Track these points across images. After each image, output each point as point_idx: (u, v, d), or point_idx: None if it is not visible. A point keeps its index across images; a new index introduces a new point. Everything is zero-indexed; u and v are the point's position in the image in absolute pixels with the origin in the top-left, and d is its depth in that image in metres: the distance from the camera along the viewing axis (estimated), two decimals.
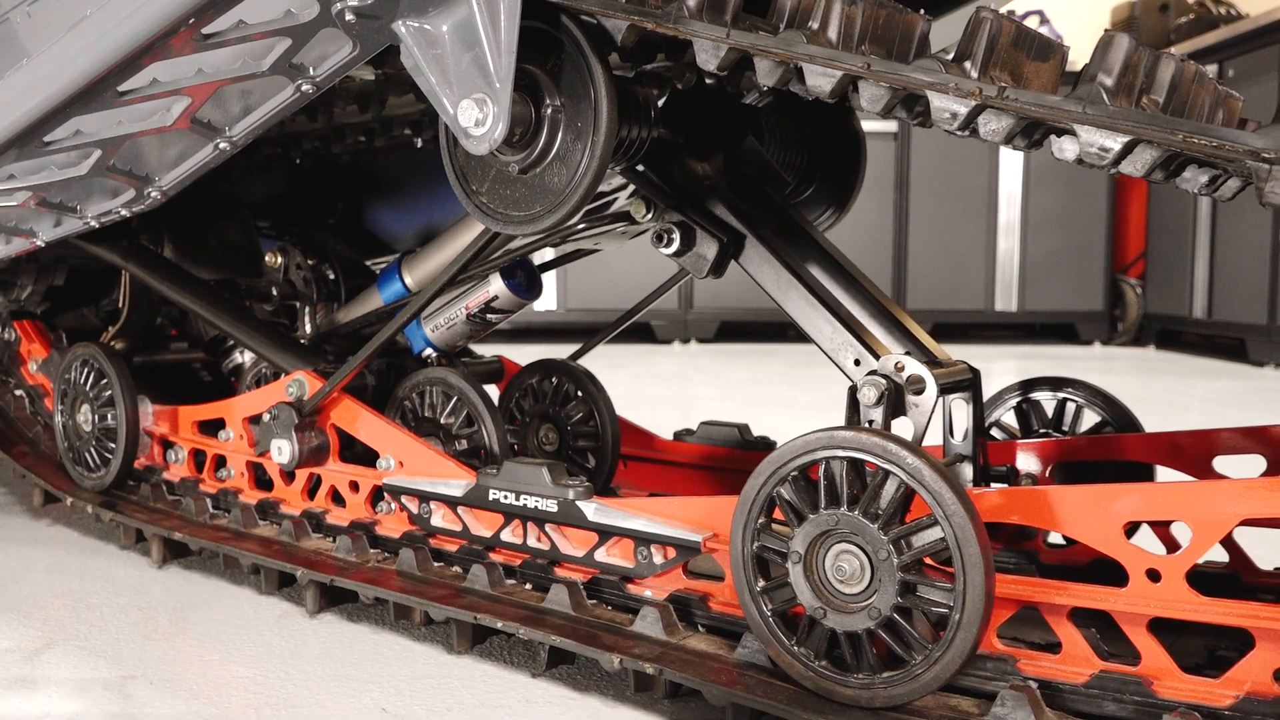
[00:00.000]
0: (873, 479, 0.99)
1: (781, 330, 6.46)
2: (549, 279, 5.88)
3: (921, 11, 1.06)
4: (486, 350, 2.07)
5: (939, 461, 0.97)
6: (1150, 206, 6.02)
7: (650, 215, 1.35)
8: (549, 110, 1.16)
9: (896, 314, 1.33)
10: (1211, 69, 5.35)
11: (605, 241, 1.68)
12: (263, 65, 1.25)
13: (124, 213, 1.53)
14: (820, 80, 1.00)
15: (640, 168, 1.36)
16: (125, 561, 1.74)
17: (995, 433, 1.50)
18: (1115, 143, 0.86)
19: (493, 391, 1.80)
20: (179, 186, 1.47)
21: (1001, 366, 5.25)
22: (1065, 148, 0.91)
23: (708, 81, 1.40)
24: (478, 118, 1.13)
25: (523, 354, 1.81)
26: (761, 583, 1.06)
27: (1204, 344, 5.86)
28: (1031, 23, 6.49)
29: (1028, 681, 0.96)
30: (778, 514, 1.05)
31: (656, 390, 4.17)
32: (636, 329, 5.97)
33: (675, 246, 1.29)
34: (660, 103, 1.43)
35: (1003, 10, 1.06)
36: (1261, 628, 0.90)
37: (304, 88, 1.27)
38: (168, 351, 2.23)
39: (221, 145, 1.39)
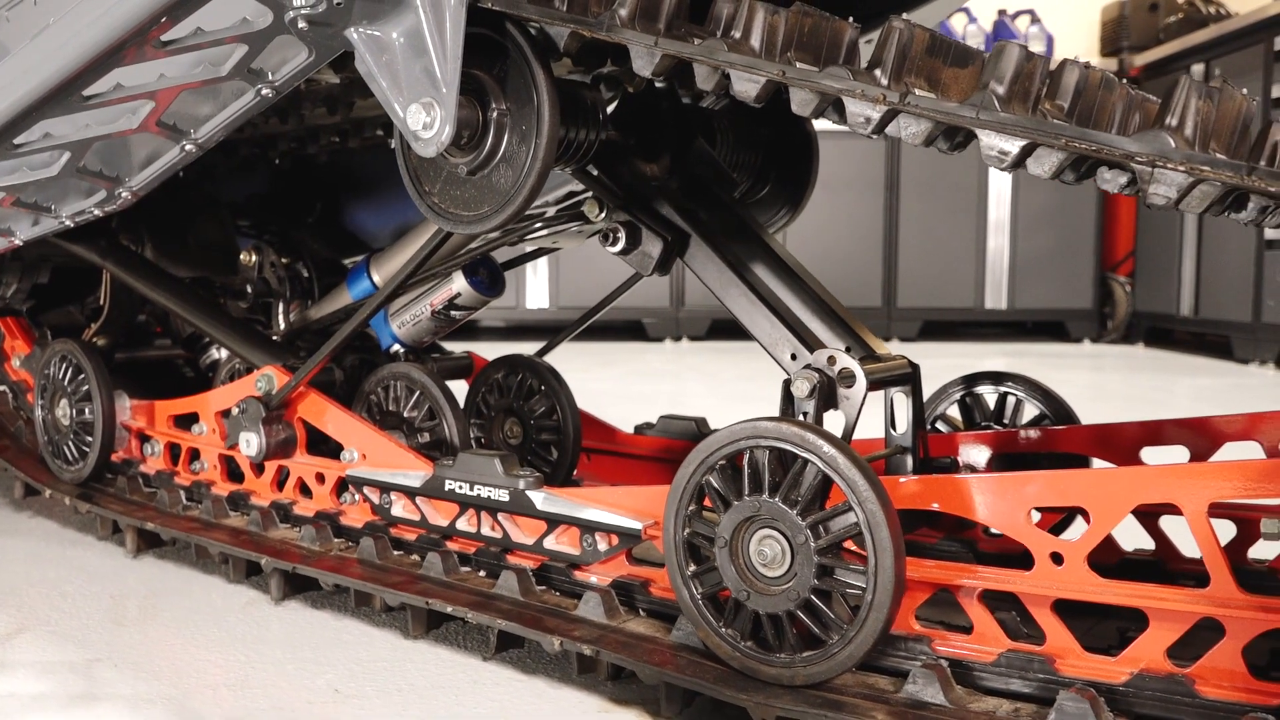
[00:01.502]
0: (793, 467, 1.03)
1: None
2: (542, 277, 5.93)
3: (850, 19, 1.10)
4: (485, 347, 2.09)
5: (855, 451, 1.01)
6: (1139, 205, 6.06)
7: (603, 215, 1.39)
8: (495, 114, 1.21)
9: (839, 311, 1.38)
10: (1198, 68, 5.39)
11: (562, 240, 1.72)
12: (223, 70, 1.29)
13: (97, 212, 1.58)
14: (746, 85, 1.05)
15: (591, 169, 1.40)
16: (102, 552, 1.79)
17: (941, 425, 1.54)
18: (1013, 146, 0.90)
19: (464, 386, 1.85)
20: (149, 187, 1.51)
21: (991, 364, 5.26)
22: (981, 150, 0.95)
23: (658, 86, 1.44)
24: (425, 121, 1.18)
25: (515, 350, 1.85)
26: (692, 567, 1.10)
27: (1192, 341, 5.89)
28: (1022, 22, 6.53)
29: (939, 660, 1.01)
30: (710, 502, 1.10)
31: (646, 387, 4.21)
32: (629, 327, 6.02)
33: (621, 245, 1.34)
34: (612, 107, 1.48)
35: (996, 10, 1.10)
36: (1154, 608, 0.94)
37: (264, 92, 1.32)
38: (151, 348, 2.29)
39: (188, 147, 1.44)
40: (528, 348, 1.90)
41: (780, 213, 1.68)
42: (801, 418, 1.20)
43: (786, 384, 1.22)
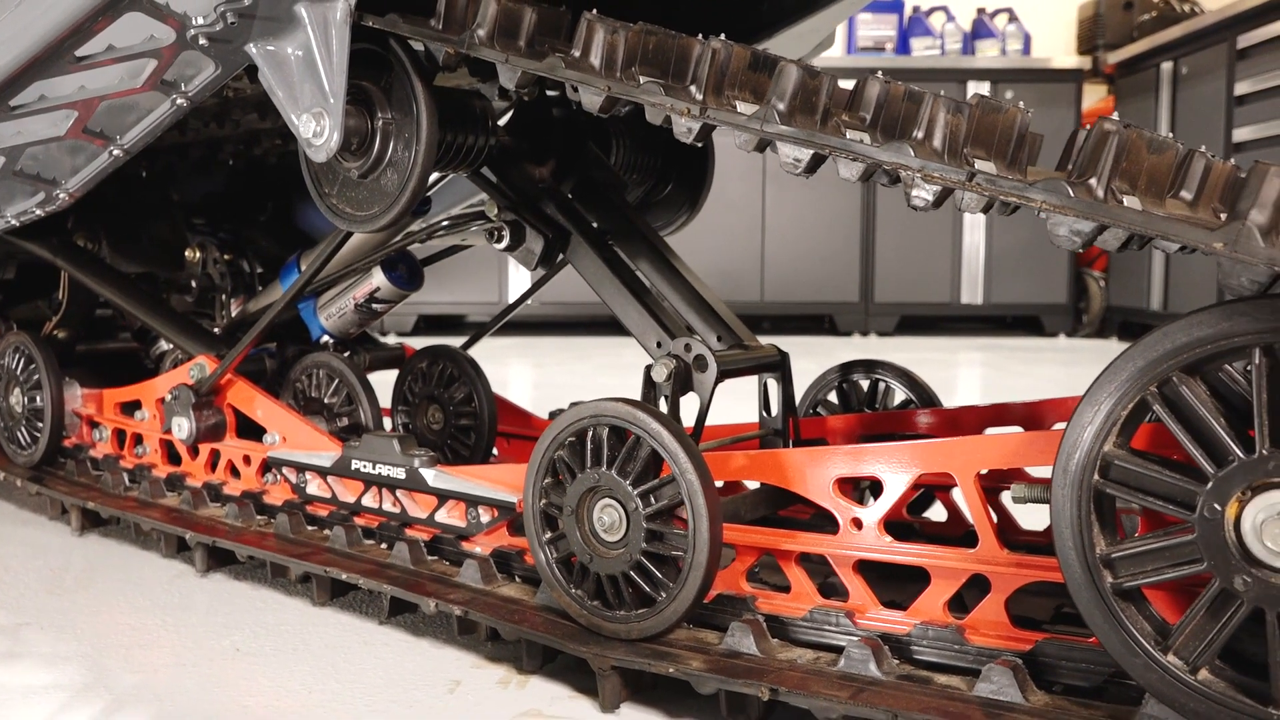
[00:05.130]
0: (627, 443, 1.14)
1: (756, 323, 6.61)
2: (524, 273, 6.04)
3: (722, 35, 1.18)
4: (483, 341, 2.17)
5: (679, 427, 1.12)
6: None
7: (499, 214, 1.51)
8: (381, 122, 1.32)
9: (714, 304, 1.49)
10: (1167, 66, 5.47)
11: (472, 238, 1.83)
12: (138, 82, 1.41)
13: (39, 212, 1.70)
14: (591, 98, 1.16)
15: (487, 172, 1.51)
16: (51, 530, 1.91)
17: (821, 410, 1.65)
18: (804, 154, 1.01)
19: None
20: (85, 189, 1.63)
21: (967, 358, 5.38)
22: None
23: (550, 94, 1.55)
24: (316, 129, 1.29)
25: (498, 345, 1.97)
26: (547, 534, 1.22)
27: None
28: (1000, 20, 6.61)
29: (756, 616, 1.12)
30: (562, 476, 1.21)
31: (612, 380, 4.32)
32: (607, 321, 6.12)
33: (505, 242, 1.45)
34: (509, 114, 1.60)
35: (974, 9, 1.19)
36: (935, 566, 1.05)
37: (179, 102, 1.44)
38: (113, 341, 2.41)
39: (115, 152, 1.55)
40: (511, 341, 2.01)
41: (681, 211, 1.79)
42: (662, 400, 1.32)
43: (648, 369, 1.33)
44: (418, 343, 1.94)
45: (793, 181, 5.97)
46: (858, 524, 1.10)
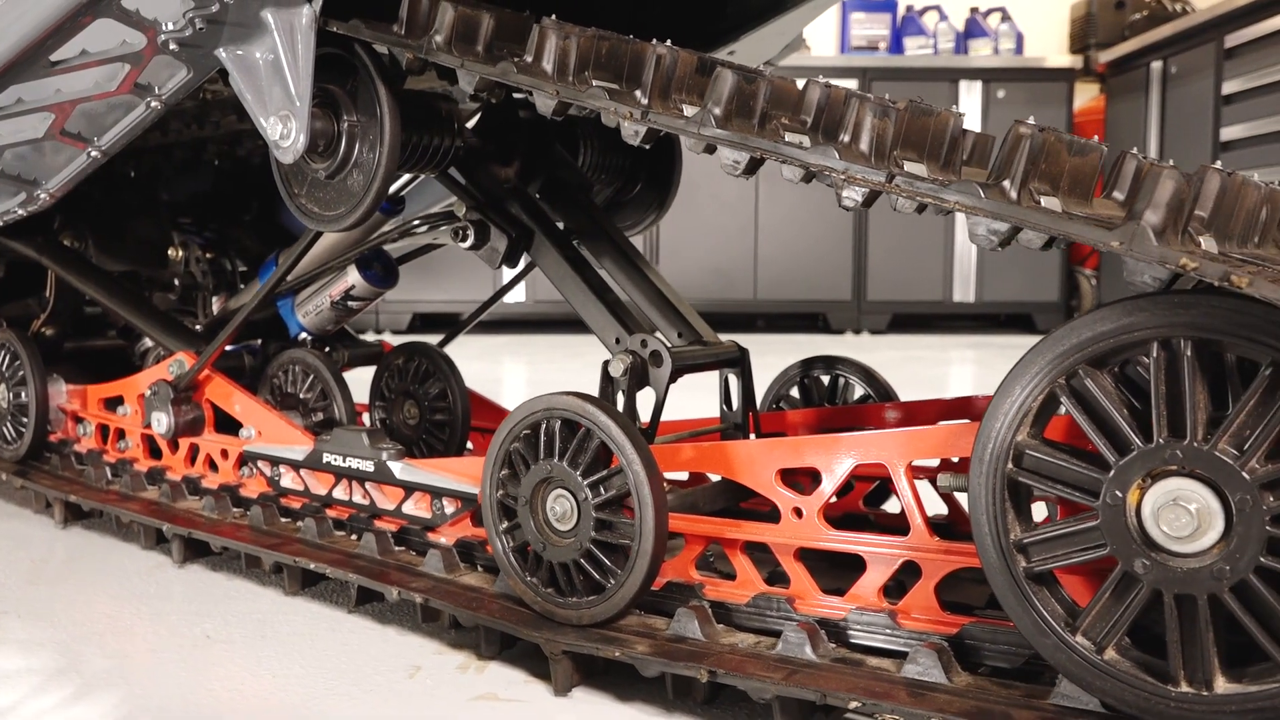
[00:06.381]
0: (578, 435, 1.18)
1: (749, 321, 6.65)
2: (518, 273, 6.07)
3: (668, 41, 1.22)
4: (470, 340, 2.22)
5: (627, 420, 1.16)
6: None
7: (467, 213, 1.55)
8: (347, 125, 1.36)
9: (675, 302, 1.53)
10: (1157, 65, 5.50)
11: (443, 237, 1.87)
12: (113, 86, 1.45)
13: (21, 212, 1.74)
14: (544, 101, 1.19)
15: (455, 173, 1.55)
16: (36, 523, 1.95)
17: (784, 405, 1.69)
18: (742, 156, 1.05)
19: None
20: (65, 189, 1.67)
21: (959, 355, 5.42)
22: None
23: (516, 97, 1.59)
24: (283, 132, 1.33)
25: (492, 343, 2.01)
26: (504, 524, 1.26)
27: None
28: (993, 20, 6.64)
29: (703, 602, 1.16)
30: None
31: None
32: None
33: (470, 241, 1.49)
34: (477, 116, 1.64)
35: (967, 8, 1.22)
36: (871, 554, 1.09)
37: (153, 105, 1.48)
38: (101, 338, 2.46)
39: (93, 154, 1.59)
40: (505, 340, 2.05)
41: (650, 210, 1.83)
42: (620, 395, 1.35)
43: (605, 365, 1.37)
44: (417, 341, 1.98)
45: (786, 181, 6.01)
46: (798, 513, 1.14)
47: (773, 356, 1.70)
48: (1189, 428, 0.81)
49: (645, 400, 1.31)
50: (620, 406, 1.34)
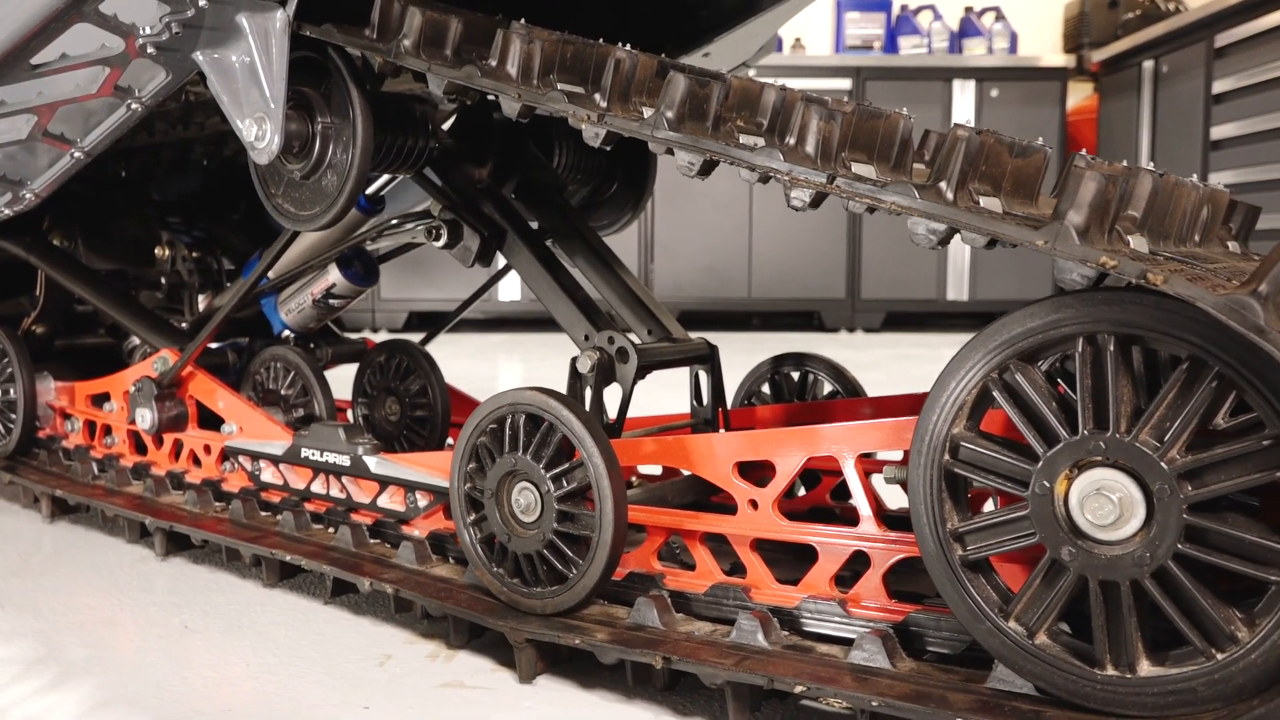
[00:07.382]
0: (541, 429, 1.21)
1: (744, 320, 6.68)
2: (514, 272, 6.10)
3: (626, 46, 1.25)
4: (467, 338, 2.25)
5: (588, 415, 1.19)
6: None
7: (441, 213, 1.58)
8: (321, 126, 1.39)
9: (646, 300, 1.56)
10: (1148, 65, 5.52)
11: (418, 236, 1.90)
12: (94, 89, 1.48)
13: (8, 212, 1.77)
14: (509, 104, 1.22)
15: (431, 173, 1.58)
16: (24, 518, 1.99)
17: (754, 400, 1.72)
18: (696, 159, 1.08)
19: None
20: (50, 189, 1.71)
21: (951, 354, 5.43)
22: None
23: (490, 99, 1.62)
24: (258, 133, 1.36)
25: (487, 341, 2.04)
26: (472, 516, 1.29)
27: None
28: (988, 19, 6.67)
29: (662, 592, 1.19)
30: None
31: None
32: None
33: (444, 240, 1.52)
34: (452, 118, 1.67)
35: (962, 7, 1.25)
36: (822, 544, 1.12)
37: (133, 106, 1.51)
38: (92, 336, 2.49)
39: (77, 154, 1.62)
40: (500, 338, 2.08)
41: (626, 210, 1.86)
42: (587, 390, 1.39)
43: (574, 361, 1.40)
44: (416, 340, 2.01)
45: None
46: (754, 505, 1.17)
47: (766, 355, 1.73)
48: (1112, 420, 0.84)
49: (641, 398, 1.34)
50: (587, 402, 1.37)
